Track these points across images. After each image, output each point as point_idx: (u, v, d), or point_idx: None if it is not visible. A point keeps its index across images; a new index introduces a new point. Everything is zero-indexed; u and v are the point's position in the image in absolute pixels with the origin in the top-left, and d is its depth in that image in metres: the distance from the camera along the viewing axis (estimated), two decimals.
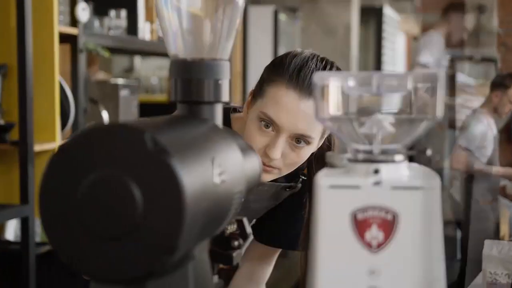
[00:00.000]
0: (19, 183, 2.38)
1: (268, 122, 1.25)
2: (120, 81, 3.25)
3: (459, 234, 4.14)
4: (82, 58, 2.74)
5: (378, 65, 7.63)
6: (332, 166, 0.79)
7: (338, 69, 1.29)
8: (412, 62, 4.54)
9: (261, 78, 1.30)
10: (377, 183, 0.69)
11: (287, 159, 1.27)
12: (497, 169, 4.28)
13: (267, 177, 1.30)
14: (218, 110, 0.84)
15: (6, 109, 2.49)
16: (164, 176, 0.61)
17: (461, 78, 4.62)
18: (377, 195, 0.69)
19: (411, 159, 0.75)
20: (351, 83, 0.72)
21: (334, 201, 0.69)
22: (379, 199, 0.69)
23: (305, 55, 1.27)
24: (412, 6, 9.76)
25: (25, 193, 2.36)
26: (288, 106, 1.22)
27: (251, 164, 0.87)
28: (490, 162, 4.24)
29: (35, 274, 2.41)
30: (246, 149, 0.88)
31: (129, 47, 3.24)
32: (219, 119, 0.84)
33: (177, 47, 0.84)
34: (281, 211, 1.47)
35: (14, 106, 2.45)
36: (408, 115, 0.71)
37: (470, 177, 4.19)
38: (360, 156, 0.72)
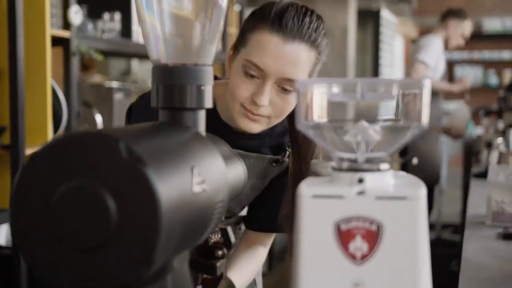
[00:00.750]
0: (11, 187, 2.36)
1: (253, 70, 1.24)
2: (115, 84, 3.23)
3: None
4: (75, 61, 2.72)
5: (376, 68, 7.61)
6: (316, 174, 0.77)
7: (318, 17, 1.28)
8: (411, 60, 4.55)
9: (242, 28, 1.30)
10: (361, 193, 0.67)
11: (275, 106, 1.26)
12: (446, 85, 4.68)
13: (257, 127, 1.28)
14: (201, 116, 0.82)
15: None
16: (139, 186, 0.59)
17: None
18: (361, 205, 0.67)
19: (404, 166, 0.74)
20: (335, 89, 0.70)
21: (317, 211, 0.67)
22: (363, 209, 0.67)
23: (285, 2, 1.28)
24: (409, 9, 9.76)
25: None
26: (273, 50, 1.22)
27: (235, 172, 0.85)
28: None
29: (26, 279, 2.38)
30: (230, 156, 0.86)
31: (123, 50, 3.21)
32: (202, 126, 0.82)
33: (159, 52, 0.82)
34: (270, 195, 1.46)
35: (6, 110, 2.43)
36: (393, 123, 0.69)
37: None
38: (345, 164, 0.70)
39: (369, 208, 0.67)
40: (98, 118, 3.00)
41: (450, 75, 10.39)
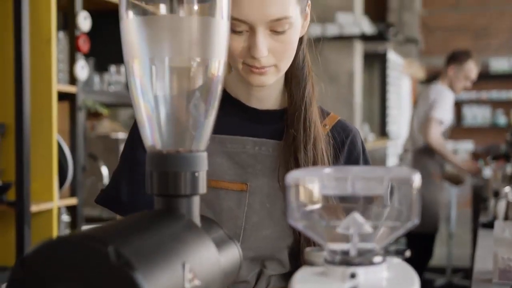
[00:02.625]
0: (15, 244, 2.36)
1: (237, 26, 1.14)
2: (121, 135, 3.25)
3: None
4: (81, 116, 2.74)
5: (383, 110, 7.63)
6: (309, 263, 0.77)
7: None
8: (425, 116, 4.49)
9: None
10: None
11: (276, 52, 1.16)
12: (460, 160, 4.64)
13: (267, 79, 1.19)
14: (195, 202, 0.82)
15: (4, 169, 2.48)
16: None
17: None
18: None
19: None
20: (326, 183, 0.70)
21: None
22: None
23: None
24: (416, 49, 9.82)
25: (21, 255, 2.33)
26: None
27: (229, 257, 0.84)
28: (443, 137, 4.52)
29: None
30: (224, 240, 0.86)
31: (129, 102, 3.24)
32: (196, 212, 0.82)
33: (154, 139, 0.83)
34: None
35: (12, 166, 2.44)
36: (384, 221, 0.69)
37: (425, 150, 4.40)
38: (337, 258, 0.70)
39: None
40: (104, 170, 3.01)
41: (458, 115, 10.43)
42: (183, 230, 0.75)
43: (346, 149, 1.30)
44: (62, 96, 2.69)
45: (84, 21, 2.71)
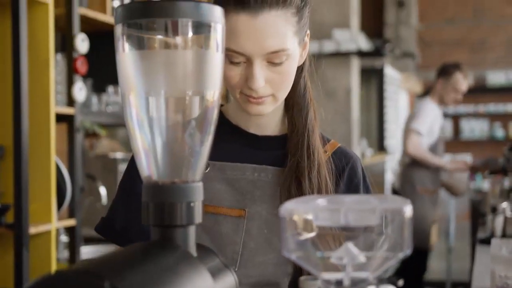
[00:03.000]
0: (14, 267, 2.36)
1: (235, 57, 1.15)
2: (119, 155, 3.26)
3: None
4: (79, 137, 2.75)
5: (380, 124, 7.65)
6: None
7: None
8: (405, 128, 4.58)
9: None
10: None
11: (273, 82, 1.17)
12: (448, 162, 4.60)
13: (265, 108, 1.20)
14: (191, 232, 0.83)
15: (3, 191, 2.49)
16: None
17: None
18: None
19: None
20: (319, 214, 0.71)
21: None
22: None
23: None
24: (413, 63, 9.86)
25: (20, 277, 2.34)
26: (244, 30, 1.13)
27: (225, 286, 0.85)
28: (432, 150, 4.46)
29: None
30: (220, 269, 0.87)
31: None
32: (191, 242, 0.83)
33: (150, 169, 0.84)
34: None
35: (10, 188, 2.45)
36: (376, 252, 0.70)
37: (412, 164, 4.38)
38: (331, 287, 0.71)
39: None
40: (103, 191, 3.02)
41: (456, 129, 10.45)
42: (178, 261, 0.76)
43: (346, 176, 1.30)
44: (60, 118, 2.70)
45: (81, 43, 2.73)
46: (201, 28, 0.81)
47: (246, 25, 1.13)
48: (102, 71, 3.09)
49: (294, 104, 1.29)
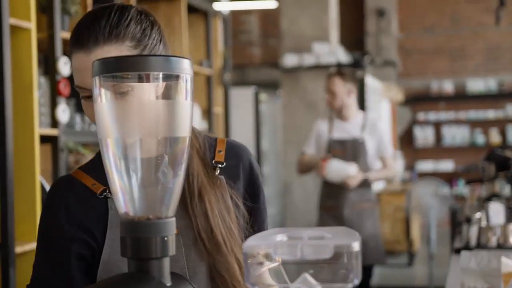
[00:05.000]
0: (1, 286, 2.42)
1: (83, 92, 1.21)
2: None
3: None
4: (63, 158, 2.82)
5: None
6: None
7: (117, 10, 1.22)
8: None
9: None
10: None
11: None
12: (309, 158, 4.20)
13: None
14: (166, 263, 0.91)
15: None
16: None
17: None
18: None
19: None
20: (278, 249, 0.79)
21: None
22: None
23: (83, 16, 1.25)
24: (394, 72, 10.00)
25: None
26: (83, 66, 1.19)
27: None
28: None
29: None
30: None
31: None
32: (166, 272, 0.90)
33: (127, 206, 0.92)
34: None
35: None
36: (331, 282, 0.78)
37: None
38: None
39: None
40: None
41: (438, 135, 10.60)
42: None
43: (246, 167, 1.37)
44: (44, 139, 2.77)
45: (64, 66, 2.80)
46: (171, 79, 0.89)
47: (84, 62, 1.19)
48: None
49: None
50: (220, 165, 1.33)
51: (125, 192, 0.91)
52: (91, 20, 1.21)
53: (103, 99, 0.89)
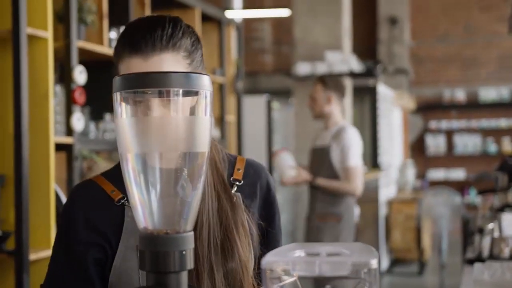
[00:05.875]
0: None
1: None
2: None
3: None
4: (77, 166, 2.85)
5: (374, 142, 7.74)
6: None
7: (170, 21, 1.24)
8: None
9: (116, 69, 1.28)
10: None
11: None
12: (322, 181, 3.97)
13: None
14: (184, 277, 0.92)
15: (4, 218, 2.58)
16: None
17: None
18: None
19: None
20: (297, 266, 0.80)
21: None
22: None
23: (134, 21, 1.27)
24: (406, 80, 9.99)
25: None
26: (136, 71, 1.20)
27: None
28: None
29: None
30: None
31: None
32: (184, 286, 0.92)
33: (146, 221, 0.93)
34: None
35: (11, 216, 2.53)
36: None
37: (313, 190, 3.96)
38: None
39: None
40: None
41: (449, 144, 10.57)
42: None
43: (263, 187, 1.38)
44: (59, 147, 2.79)
45: (79, 75, 2.83)
46: (191, 95, 0.91)
47: (139, 67, 1.21)
48: (100, 99, 3.18)
49: None
50: (237, 183, 1.34)
51: (144, 206, 0.92)
52: (146, 27, 1.23)
53: (124, 114, 0.91)
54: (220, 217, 1.29)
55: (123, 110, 0.90)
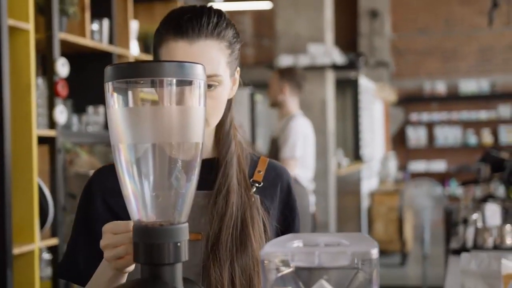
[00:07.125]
0: None
1: None
2: None
3: None
4: (60, 158, 2.81)
5: (356, 134, 7.76)
6: None
7: (215, 12, 1.27)
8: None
9: (153, 49, 1.29)
10: None
11: (207, 106, 1.20)
12: None
13: None
14: (178, 269, 0.91)
15: None
16: None
17: None
18: None
19: None
20: (296, 256, 0.79)
21: None
22: None
23: (179, 8, 1.29)
24: (388, 73, 10.02)
25: None
26: (182, 54, 1.22)
27: None
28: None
29: None
30: None
31: (107, 142, 3.32)
32: (178, 278, 0.90)
33: (139, 213, 0.91)
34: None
35: None
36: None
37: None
38: None
39: None
40: None
41: (430, 136, 10.63)
42: None
43: (284, 189, 1.38)
44: (42, 140, 2.75)
45: (62, 68, 2.79)
46: (184, 85, 0.89)
47: (184, 51, 1.22)
48: (82, 92, 3.15)
49: (220, 137, 1.33)
50: (257, 185, 1.33)
51: (137, 197, 0.91)
52: (192, 14, 1.24)
53: (116, 105, 0.89)
54: (241, 210, 1.29)
55: (115, 100, 0.89)
